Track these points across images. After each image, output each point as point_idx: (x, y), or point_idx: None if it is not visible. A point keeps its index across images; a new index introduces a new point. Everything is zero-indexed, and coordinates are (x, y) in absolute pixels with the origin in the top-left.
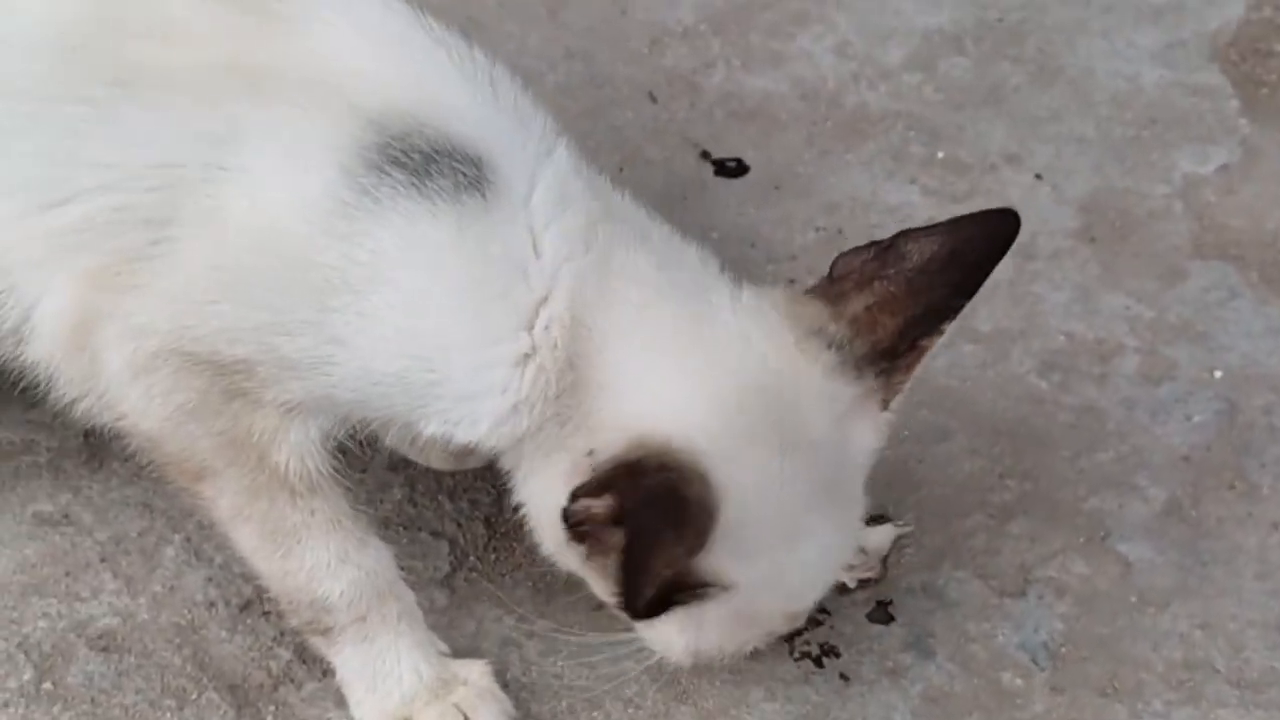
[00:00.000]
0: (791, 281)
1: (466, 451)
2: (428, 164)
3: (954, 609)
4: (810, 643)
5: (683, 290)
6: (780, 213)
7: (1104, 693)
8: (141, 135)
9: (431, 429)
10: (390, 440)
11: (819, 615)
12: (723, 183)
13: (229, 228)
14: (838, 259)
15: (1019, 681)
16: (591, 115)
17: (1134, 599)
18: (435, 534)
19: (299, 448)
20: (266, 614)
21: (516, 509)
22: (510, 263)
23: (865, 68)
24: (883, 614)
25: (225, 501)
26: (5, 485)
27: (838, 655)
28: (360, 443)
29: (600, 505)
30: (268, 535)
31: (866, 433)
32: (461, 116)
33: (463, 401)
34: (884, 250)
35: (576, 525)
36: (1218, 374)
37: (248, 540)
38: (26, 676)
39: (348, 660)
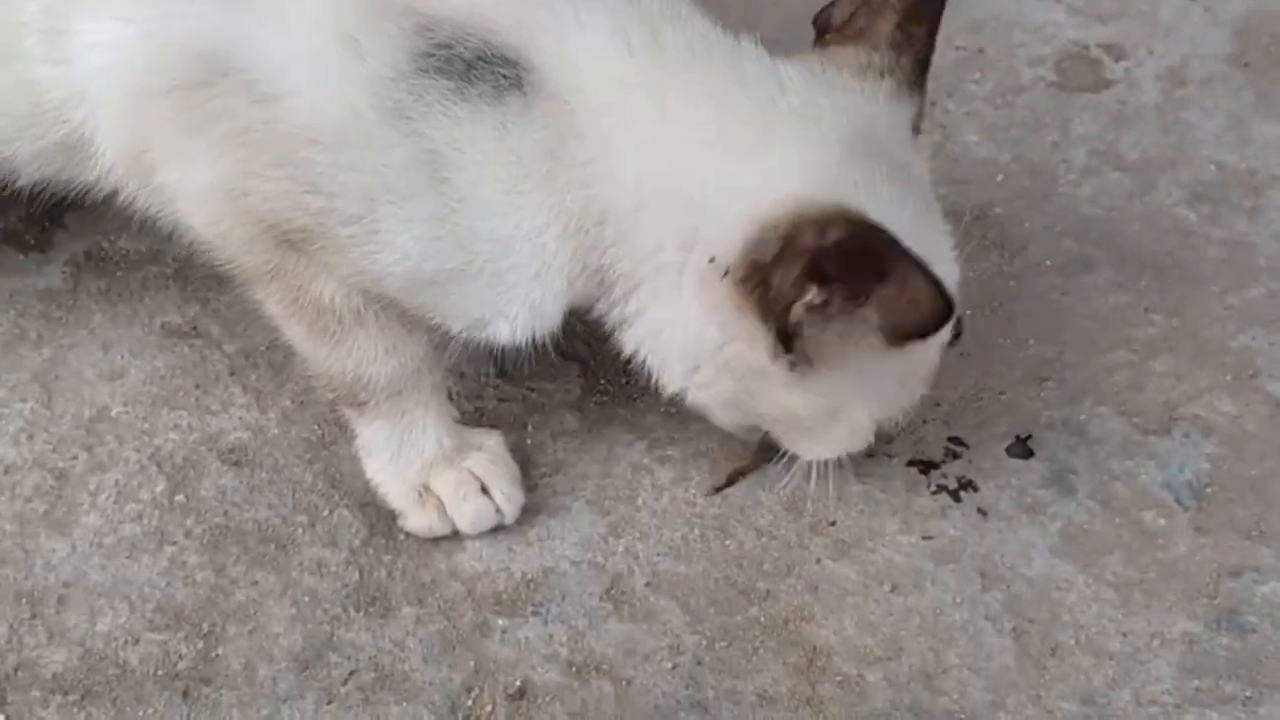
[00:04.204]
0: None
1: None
2: (469, 70)
3: (1096, 446)
4: (947, 476)
5: (748, 87)
6: None
7: (1249, 535)
8: None
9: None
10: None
11: (956, 449)
12: None
13: (284, 103)
14: (818, 15)
15: (1162, 521)
16: None
17: None
18: (565, 356)
19: (345, 286)
20: None
21: (628, 363)
22: (554, 148)
23: None
24: (1022, 449)
25: (273, 305)
26: (133, 296)
27: (975, 489)
28: None
29: (810, 286)
30: (318, 332)
31: (921, 153)
32: (500, 22)
33: (517, 288)
34: None
35: (782, 318)
36: None
37: (296, 333)
38: (159, 488)
39: (378, 430)
